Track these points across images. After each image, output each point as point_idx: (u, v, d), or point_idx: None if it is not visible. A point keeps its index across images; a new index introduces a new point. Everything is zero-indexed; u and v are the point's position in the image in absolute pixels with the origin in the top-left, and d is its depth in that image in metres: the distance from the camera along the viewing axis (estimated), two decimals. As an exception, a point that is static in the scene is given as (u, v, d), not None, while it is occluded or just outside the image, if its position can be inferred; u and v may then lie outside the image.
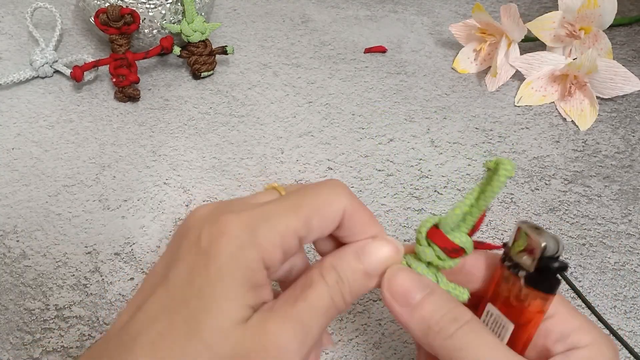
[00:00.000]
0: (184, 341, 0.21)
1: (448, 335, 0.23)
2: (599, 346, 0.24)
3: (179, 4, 0.47)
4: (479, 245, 0.25)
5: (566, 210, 0.42)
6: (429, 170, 0.43)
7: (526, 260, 0.24)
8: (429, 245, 0.25)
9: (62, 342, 0.33)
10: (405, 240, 0.39)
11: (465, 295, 0.25)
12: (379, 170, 0.43)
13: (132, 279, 0.36)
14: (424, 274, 0.25)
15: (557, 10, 0.48)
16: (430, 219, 0.25)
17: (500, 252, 0.25)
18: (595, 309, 0.32)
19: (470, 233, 0.25)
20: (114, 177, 0.41)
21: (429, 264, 0.25)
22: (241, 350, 0.21)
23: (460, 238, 0.24)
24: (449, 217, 0.24)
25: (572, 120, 0.47)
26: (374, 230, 0.25)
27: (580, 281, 0.38)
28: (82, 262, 0.37)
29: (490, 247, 0.26)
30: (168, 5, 0.46)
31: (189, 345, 0.21)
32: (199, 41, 0.47)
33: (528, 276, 0.24)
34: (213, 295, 0.21)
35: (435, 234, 0.24)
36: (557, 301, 0.24)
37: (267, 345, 0.21)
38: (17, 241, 0.37)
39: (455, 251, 0.24)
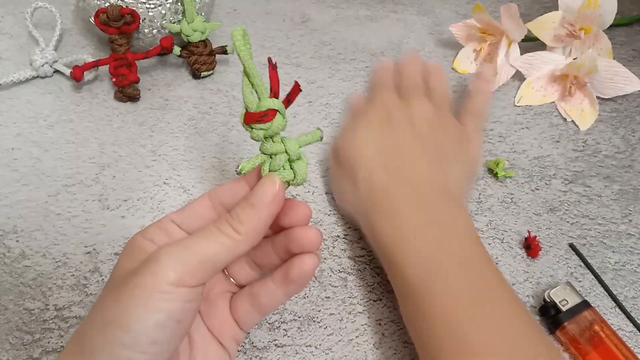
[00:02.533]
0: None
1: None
2: None
3: (179, 3, 0.46)
4: (287, 100, 0.28)
5: (566, 210, 0.42)
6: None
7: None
8: (252, 128, 0.28)
9: (61, 342, 0.33)
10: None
11: (317, 134, 0.29)
12: (379, 170, 0.43)
13: (132, 279, 0.36)
14: (273, 148, 0.28)
15: (557, 10, 0.48)
16: (241, 113, 0.28)
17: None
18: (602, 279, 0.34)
19: (273, 96, 0.28)
20: (114, 177, 0.41)
21: (270, 138, 0.28)
22: (127, 277, 0.25)
23: (265, 103, 0.27)
24: (244, 99, 0.27)
25: (572, 120, 0.47)
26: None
27: (580, 281, 0.38)
28: (81, 262, 0.37)
29: (295, 91, 0.28)
30: (168, 5, 0.46)
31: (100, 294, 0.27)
32: (199, 41, 0.47)
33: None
34: (115, 267, 0.28)
35: (248, 117, 0.27)
36: None
37: (143, 265, 0.25)
38: (17, 241, 0.37)
39: (266, 115, 0.27)
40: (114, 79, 0.46)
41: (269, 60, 0.28)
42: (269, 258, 0.31)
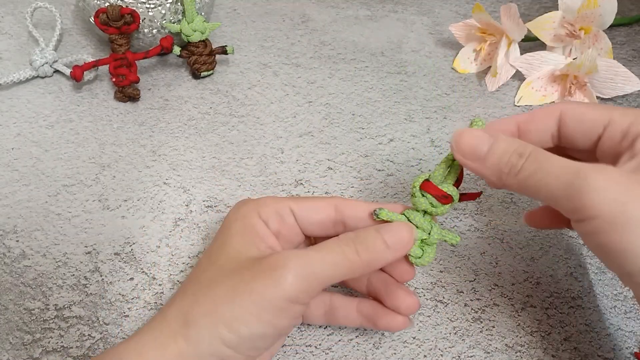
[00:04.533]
0: (206, 266, 0.29)
1: (516, 171, 0.27)
2: None
3: (179, 3, 0.47)
4: (463, 196, 0.31)
5: (566, 210, 0.42)
6: (429, 170, 0.43)
7: None
8: (423, 195, 0.30)
9: (62, 342, 0.33)
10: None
11: (456, 240, 0.31)
12: (379, 170, 0.43)
13: (131, 279, 0.36)
14: (421, 222, 0.30)
15: (557, 10, 0.48)
16: (421, 175, 0.30)
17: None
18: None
19: (456, 185, 0.30)
20: (114, 177, 0.41)
21: (424, 213, 0.30)
22: (243, 268, 0.27)
23: (447, 187, 0.30)
24: (436, 171, 0.30)
25: (572, 120, 0.47)
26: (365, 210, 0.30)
27: (580, 281, 0.38)
28: (82, 262, 0.37)
29: (472, 196, 0.31)
30: (168, 5, 0.46)
31: (208, 269, 0.28)
32: (199, 41, 0.47)
33: None
34: (227, 240, 0.29)
35: (427, 186, 0.30)
36: (607, 110, 0.29)
37: (265, 267, 0.26)
38: (17, 241, 0.37)
39: (445, 197, 0.30)
40: (114, 79, 0.46)
41: (477, 195, 0.31)
42: (358, 283, 0.32)
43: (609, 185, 0.24)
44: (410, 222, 0.30)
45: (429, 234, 0.30)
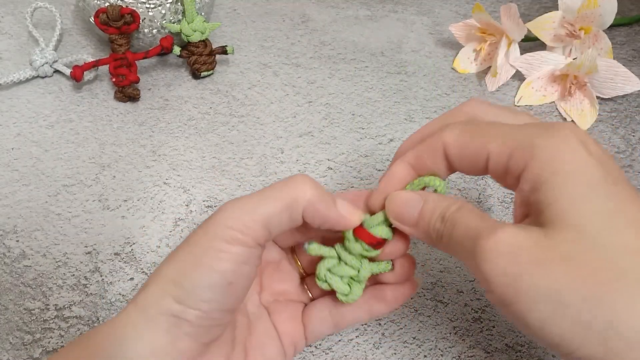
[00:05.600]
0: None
1: (440, 237, 0.26)
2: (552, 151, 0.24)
3: (179, 3, 0.47)
4: (399, 235, 0.29)
5: (566, 210, 0.42)
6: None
7: None
8: (357, 241, 0.28)
9: (62, 342, 0.33)
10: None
11: (388, 267, 0.30)
12: (379, 170, 0.43)
13: (132, 279, 0.36)
14: (350, 260, 0.29)
15: (557, 10, 0.48)
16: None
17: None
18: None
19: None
20: (114, 177, 0.41)
21: (358, 254, 0.29)
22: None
23: (381, 231, 0.28)
24: (368, 217, 0.28)
25: (572, 120, 0.47)
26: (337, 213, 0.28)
27: (580, 281, 0.38)
28: (82, 262, 0.37)
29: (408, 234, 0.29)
30: (168, 5, 0.46)
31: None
32: (199, 41, 0.47)
33: None
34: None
35: (360, 232, 0.28)
36: (487, 138, 0.26)
37: (210, 216, 0.26)
38: (17, 241, 0.37)
39: (379, 243, 0.28)
40: (114, 79, 0.46)
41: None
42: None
43: (498, 255, 0.22)
44: (340, 260, 0.29)
45: (358, 271, 0.29)
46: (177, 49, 0.47)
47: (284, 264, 0.32)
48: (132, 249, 0.37)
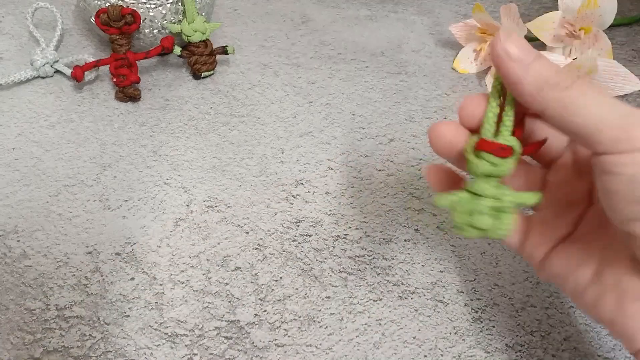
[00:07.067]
0: None
1: (565, 87, 0.24)
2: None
3: (180, 3, 0.47)
4: (526, 148, 0.26)
5: (566, 210, 0.42)
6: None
7: None
8: (479, 157, 0.25)
9: (63, 342, 0.33)
10: (406, 241, 0.39)
11: (535, 198, 0.26)
12: (379, 170, 0.43)
13: (132, 279, 0.36)
14: (487, 190, 0.25)
15: (557, 10, 0.48)
16: (471, 138, 0.26)
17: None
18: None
19: (517, 134, 0.26)
20: (115, 177, 0.41)
21: (487, 177, 0.26)
22: None
23: (504, 138, 0.25)
24: (484, 125, 0.25)
25: (572, 120, 0.47)
26: None
27: (580, 281, 0.38)
28: (82, 262, 0.37)
29: (537, 145, 0.27)
30: (169, 5, 0.46)
31: None
32: (200, 41, 0.47)
33: None
34: None
35: (480, 144, 0.25)
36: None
37: None
38: (18, 241, 0.37)
39: (504, 150, 0.25)
40: (114, 79, 0.46)
41: (542, 142, 0.27)
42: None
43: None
44: (474, 193, 0.26)
45: (499, 198, 0.25)
46: (177, 49, 0.47)
47: None
48: (132, 249, 0.38)
